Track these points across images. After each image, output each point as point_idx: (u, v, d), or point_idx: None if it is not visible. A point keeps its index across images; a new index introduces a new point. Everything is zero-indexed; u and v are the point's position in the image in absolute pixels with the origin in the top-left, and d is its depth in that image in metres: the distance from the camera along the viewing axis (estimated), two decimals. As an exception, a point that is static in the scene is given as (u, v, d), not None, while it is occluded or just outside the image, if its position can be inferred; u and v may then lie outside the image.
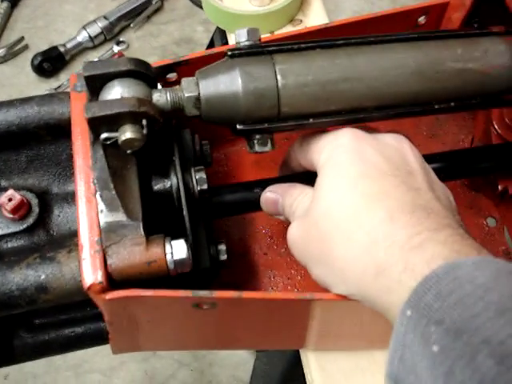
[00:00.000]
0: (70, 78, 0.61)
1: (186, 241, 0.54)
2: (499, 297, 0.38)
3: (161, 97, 0.56)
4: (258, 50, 0.56)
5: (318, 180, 0.54)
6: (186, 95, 0.55)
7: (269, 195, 0.61)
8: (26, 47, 2.16)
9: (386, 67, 0.56)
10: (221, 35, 1.39)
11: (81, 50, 2.11)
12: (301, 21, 0.96)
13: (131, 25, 2.14)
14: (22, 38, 2.15)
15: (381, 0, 2.18)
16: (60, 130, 0.61)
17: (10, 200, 0.58)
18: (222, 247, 0.62)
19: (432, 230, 0.46)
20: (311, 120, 0.56)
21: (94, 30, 2.08)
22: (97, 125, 0.53)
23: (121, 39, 2.13)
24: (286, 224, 0.61)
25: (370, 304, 0.49)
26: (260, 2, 0.96)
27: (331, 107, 0.56)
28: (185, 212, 0.57)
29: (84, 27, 2.09)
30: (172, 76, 0.65)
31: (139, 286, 0.53)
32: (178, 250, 0.53)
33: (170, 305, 0.55)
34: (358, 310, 0.56)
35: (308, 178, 0.58)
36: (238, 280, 0.74)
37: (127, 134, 0.52)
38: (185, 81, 0.56)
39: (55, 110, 0.60)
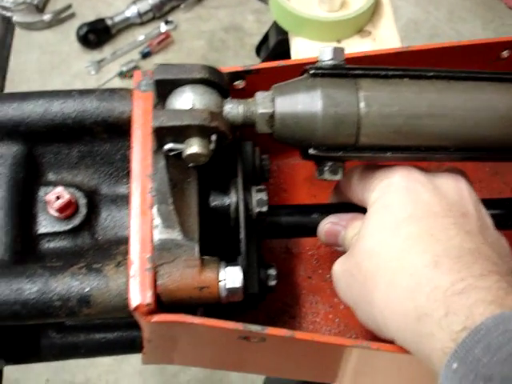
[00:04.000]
0: (134, 75, 0.57)
1: (241, 267, 0.50)
2: None
3: (232, 109, 0.52)
4: (342, 73, 0.51)
5: (365, 219, 0.52)
6: (260, 111, 0.51)
7: (330, 226, 0.58)
8: (72, 15, 2.13)
9: (475, 108, 0.52)
10: (277, 32, 1.34)
11: (128, 25, 2.07)
12: (370, 32, 0.92)
13: (182, 5, 2.10)
14: (70, 6, 2.12)
15: (437, 10, 2.11)
16: (117, 129, 0.57)
17: (57, 198, 0.55)
18: (272, 272, 0.58)
19: (477, 275, 0.44)
20: (389, 153, 0.52)
21: (144, 6, 2.04)
22: (163, 134, 0.49)
23: (169, 19, 2.08)
24: (334, 248, 0.58)
25: (410, 349, 0.47)
26: (330, 7, 0.91)
27: (411, 142, 0.52)
28: (242, 235, 0.54)
29: (134, 2, 2.05)
30: (239, 83, 0.61)
31: (185, 307, 0.50)
32: (232, 277, 0.49)
33: (216, 333, 0.51)
34: (398, 361, 0.53)
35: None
36: (279, 302, 0.70)
37: (194, 148, 0.49)
38: (260, 95, 0.52)
39: (115, 107, 0.56)
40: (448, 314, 0.43)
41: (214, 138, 0.49)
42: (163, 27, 2.06)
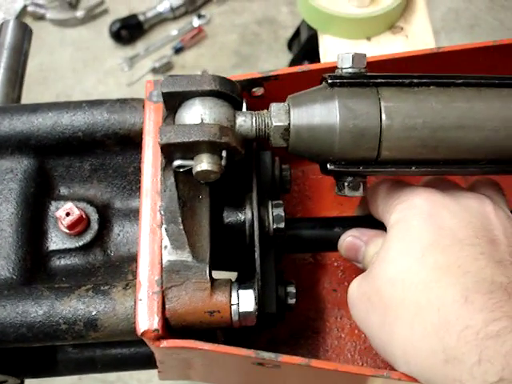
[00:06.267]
0: (146, 84, 0.55)
1: (254, 290, 0.48)
2: None
3: (245, 122, 0.49)
4: (363, 81, 0.48)
5: (386, 241, 0.48)
6: (275, 124, 0.48)
7: (351, 240, 0.54)
8: (105, 11, 2.12)
9: (508, 117, 0.48)
10: (308, 27, 1.30)
11: (160, 20, 2.05)
12: (402, 28, 0.88)
13: (214, -1, 2.07)
14: (102, 2, 2.11)
15: (478, -1, 2.03)
16: (129, 141, 0.55)
17: (67, 214, 0.53)
18: (292, 289, 0.55)
19: None
20: (413, 168, 0.48)
21: (177, 0, 2.01)
22: (171, 151, 0.47)
23: (202, 13, 2.05)
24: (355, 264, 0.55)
25: None
26: (359, 3, 0.87)
27: (438, 156, 0.48)
28: (257, 254, 0.51)
29: (167, -3, 2.03)
30: (258, 90, 0.58)
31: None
32: (245, 301, 0.47)
33: (229, 358, 0.49)
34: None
35: None
36: (302, 316, 0.67)
37: (203, 165, 0.46)
38: (275, 107, 0.49)
39: (126, 119, 0.54)
40: (481, 362, 0.39)
41: (224, 154, 0.46)
42: (196, 22, 2.03)
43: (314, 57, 1.39)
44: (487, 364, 0.38)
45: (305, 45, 1.32)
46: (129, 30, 2.00)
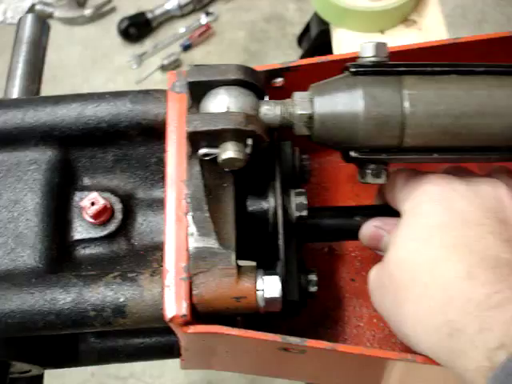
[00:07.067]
0: (168, 75, 0.55)
1: (279, 276, 0.48)
2: None
3: (269, 110, 0.50)
4: (385, 70, 0.49)
5: (398, 227, 0.50)
6: (299, 112, 0.49)
7: (373, 230, 0.55)
8: (113, 9, 2.13)
9: None
10: (318, 22, 1.31)
11: (168, 17, 2.06)
12: (415, 21, 0.88)
13: (222, -4, 2.08)
14: (110, 0, 2.12)
15: (486, -7, 2.03)
16: (152, 132, 0.56)
17: (92, 204, 0.54)
18: (313, 277, 0.56)
19: None
20: (435, 155, 0.49)
21: (185, -2, 2.03)
22: (197, 139, 0.47)
23: (210, 10, 2.06)
24: (376, 252, 0.56)
25: (444, 364, 0.45)
26: (372, -4, 0.88)
27: (460, 143, 0.49)
28: (280, 242, 0.51)
29: (174, -6, 2.04)
30: (279, 81, 0.59)
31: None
32: (270, 287, 0.48)
33: (254, 343, 0.50)
34: (444, 374, 0.50)
35: None
36: (321, 305, 0.68)
37: (229, 152, 0.47)
38: (298, 95, 0.50)
39: (150, 109, 0.55)
40: (482, 330, 0.40)
41: (249, 142, 0.47)
42: (204, 19, 2.04)
43: (325, 52, 1.40)
44: (488, 332, 0.40)
45: (315, 40, 1.32)
46: (137, 28, 2.02)
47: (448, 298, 0.43)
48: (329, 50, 1.05)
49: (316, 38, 1.33)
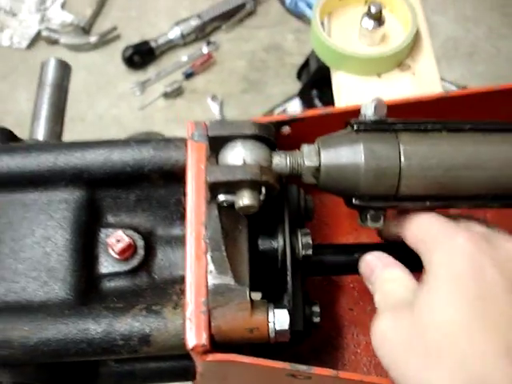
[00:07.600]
0: (188, 125, 0.61)
1: (288, 309, 0.54)
2: None
3: (280, 161, 0.56)
4: (384, 127, 0.55)
5: (431, 284, 0.51)
6: (307, 164, 0.55)
7: (370, 259, 0.60)
8: (117, 37, 2.20)
9: (509, 158, 0.55)
10: (317, 57, 1.37)
11: (171, 46, 2.13)
12: (409, 66, 0.95)
13: (223, 26, 2.15)
14: (115, 28, 2.19)
15: (477, 27, 2.11)
16: (173, 176, 0.61)
17: (118, 241, 0.59)
18: (316, 309, 0.62)
19: None
20: (428, 203, 0.55)
21: (187, 28, 2.10)
22: (216, 188, 0.53)
23: (211, 40, 2.14)
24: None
25: None
26: (370, 41, 0.94)
27: (450, 192, 0.55)
28: (289, 278, 0.57)
29: (177, 24, 2.11)
30: (285, 130, 0.65)
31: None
32: (280, 320, 0.53)
33: (264, 370, 0.55)
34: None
35: (409, 256, 0.57)
36: (323, 333, 0.73)
37: (245, 200, 0.52)
38: (306, 148, 0.56)
39: (171, 156, 0.61)
40: None
41: (263, 190, 0.53)
42: (205, 48, 2.12)
43: (323, 86, 1.46)
44: None
45: (314, 74, 1.39)
46: (141, 56, 2.08)
47: (483, 374, 0.44)
48: (327, 84, 1.11)
49: (315, 73, 1.40)
